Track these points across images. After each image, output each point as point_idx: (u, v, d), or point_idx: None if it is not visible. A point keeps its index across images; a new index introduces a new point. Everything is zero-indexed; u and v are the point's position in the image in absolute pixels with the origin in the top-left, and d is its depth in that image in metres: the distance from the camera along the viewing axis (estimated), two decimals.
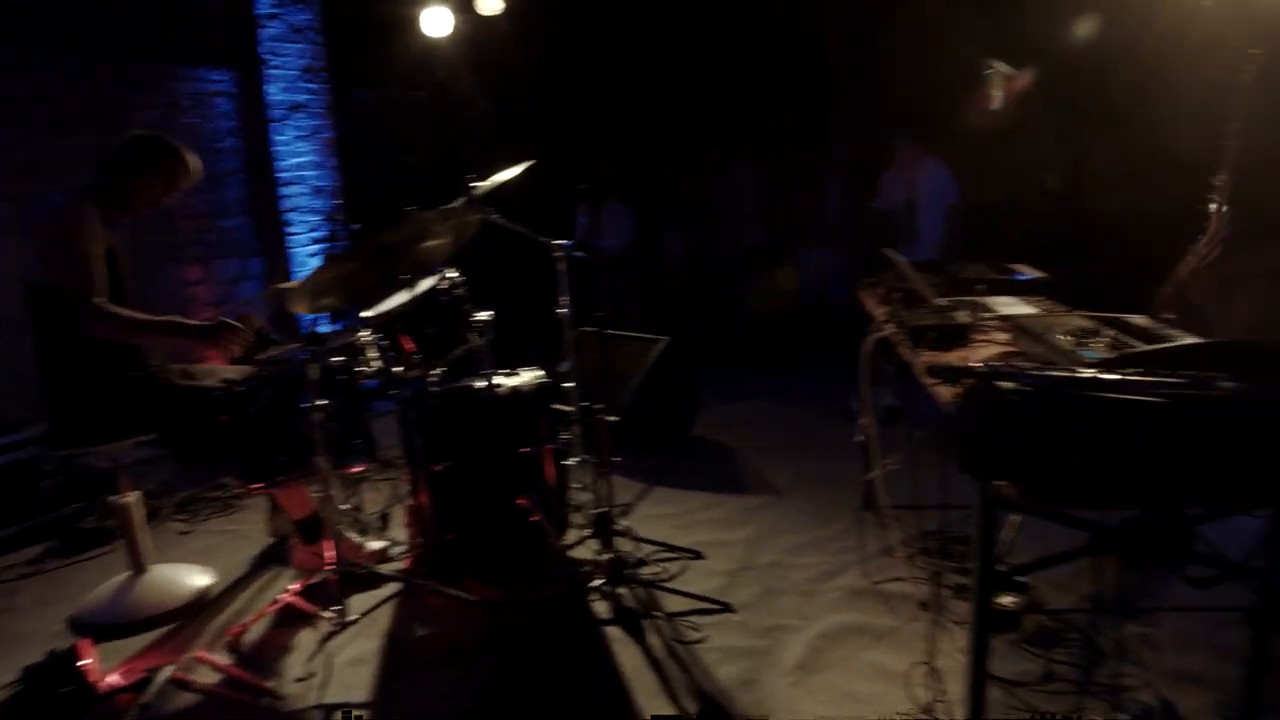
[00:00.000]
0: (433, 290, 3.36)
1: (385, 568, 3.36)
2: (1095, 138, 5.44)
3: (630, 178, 6.96)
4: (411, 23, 6.43)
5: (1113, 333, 2.08)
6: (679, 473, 4.30)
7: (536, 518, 3.27)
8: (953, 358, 2.26)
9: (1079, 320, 2.27)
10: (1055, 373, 1.44)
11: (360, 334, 3.39)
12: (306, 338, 2.90)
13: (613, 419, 4.36)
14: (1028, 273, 3.21)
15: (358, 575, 3.15)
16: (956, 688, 2.34)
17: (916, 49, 6.65)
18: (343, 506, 3.75)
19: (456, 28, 6.63)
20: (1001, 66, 7.27)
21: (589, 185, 6.28)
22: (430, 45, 6.59)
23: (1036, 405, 1.39)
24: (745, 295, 6.93)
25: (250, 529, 3.85)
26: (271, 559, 3.56)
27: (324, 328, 3.36)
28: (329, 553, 3.00)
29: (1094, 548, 1.62)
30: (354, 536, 3.48)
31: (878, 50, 6.77)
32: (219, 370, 3.30)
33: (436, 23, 6.38)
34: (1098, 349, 1.92)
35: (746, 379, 6.24)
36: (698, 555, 3.36)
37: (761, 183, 7.06)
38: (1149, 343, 1.87)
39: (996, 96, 7.62)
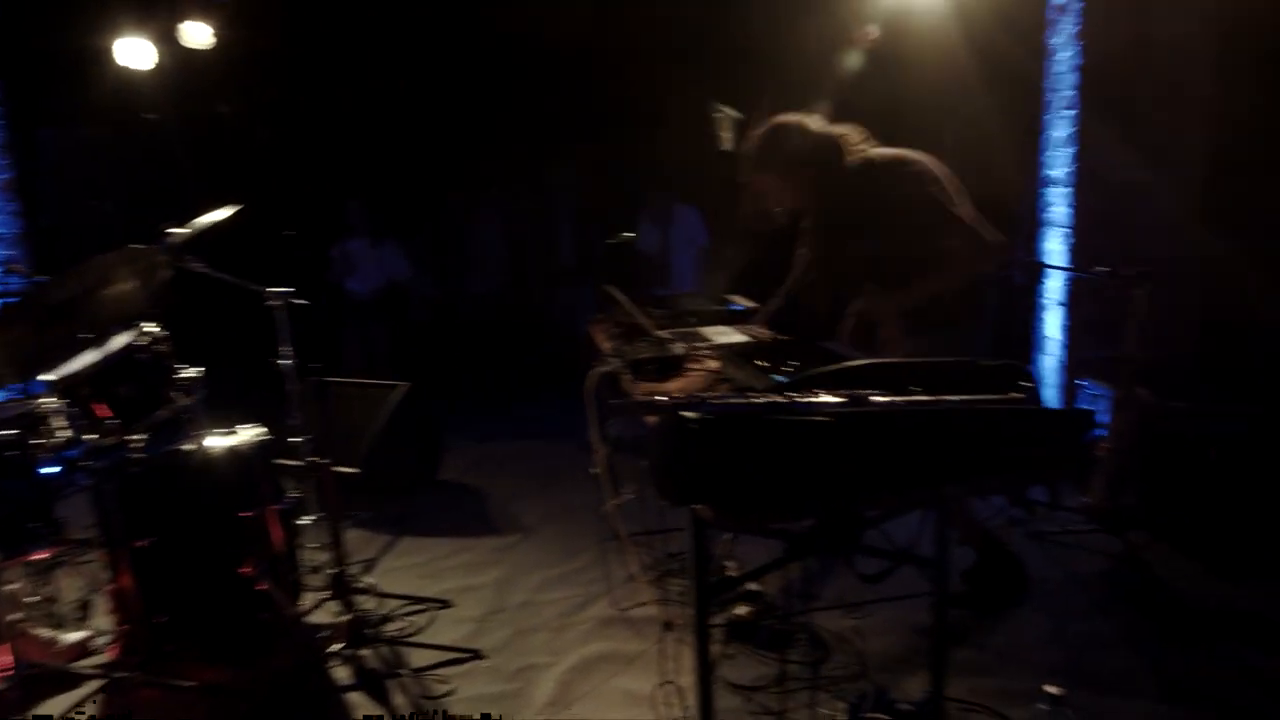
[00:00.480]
0: (126, 347, 3.02)
1: (86, 663, 2.95)
2: None
3: (381, 217, 6.73)
4: (107, 55, 5.86)
5: (807, 357, 2.24)
6: (426, 520, 4.15)
7: (264, 586, 3.02)
8: (670, 387, 2.35)
9: (781, 346, 2.44)
10: (735, 400, 1.53)
11: (39, 401, 2.99)
12: None
13: (351, 470, 4.16)
14: (741, 303, 3.43)
15: (49, 677, 2.74)
16: None
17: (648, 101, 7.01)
18: (30, 599, 3.26)
19: (161, 61, 6.14)
20: (729, 110, 7.82)
21: (345, 225, 6.10)
22: (130, 80, 6.04)
23: (719, 431, 1.47)
24: (494, 335, 6.90)
25: None
26: None
27: None
28: (5, 658, 2.58)
29: (790, 555, 1.74)
30: (44, 632, 3.03)
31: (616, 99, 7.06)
32: None
33: (135, 55, 5.85)
34: (789, 372, 2.07)
35: (495, 419, 6.20)
36: (445, 604, 3.25)
37: (506, 224, 7.08)
38: (829, 363, 2.04)
39: (726, 138, 8.18)
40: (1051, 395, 4.52)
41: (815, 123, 2.95)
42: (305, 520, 3.59)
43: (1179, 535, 3.34)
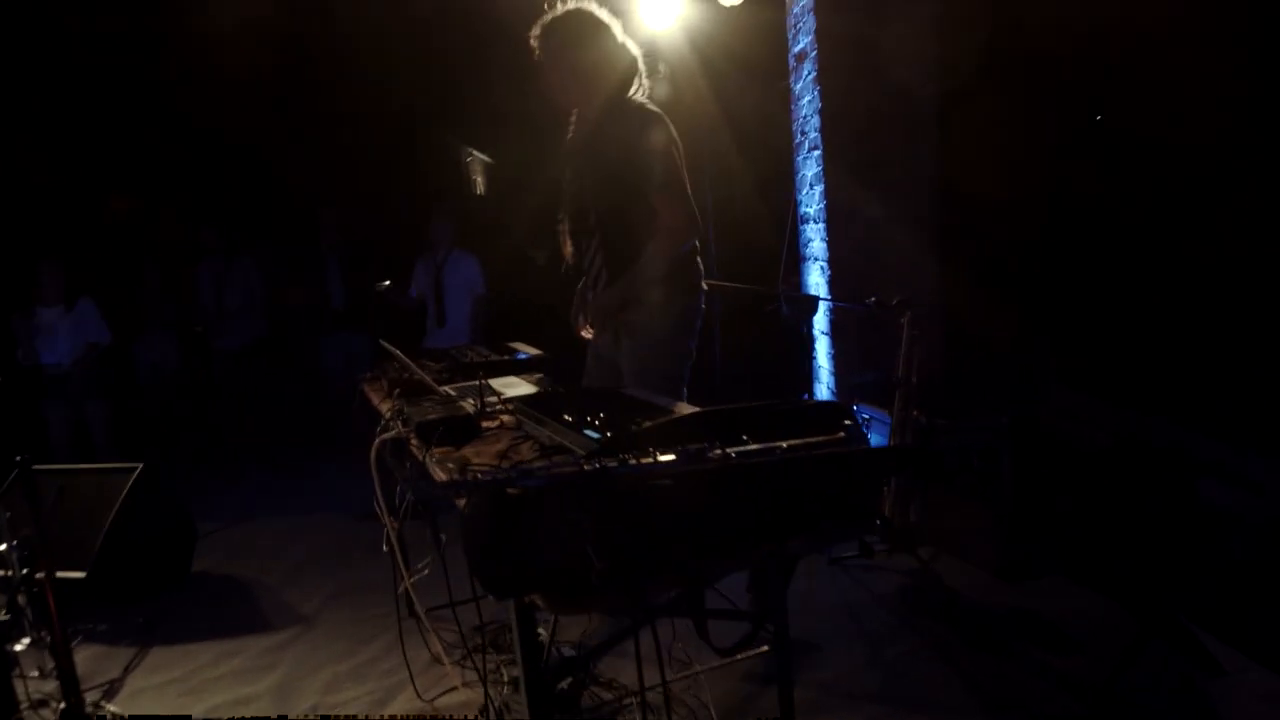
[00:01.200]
0: None
1: None
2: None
3: (82, 275, 5.90)
4: None
5: (612, 407, 2.11)
6: (180, 624, 3.57)
7: None
8: (469, 453, 2.14)
9: (579, 397, 2.29)
10: (562, 470, 1.37)
11: None
12: None
13: (78, 575, 3.52)
14: (526, 351, 3.24)
15: None
16: None
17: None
18: None
19: None
20: (480, 154, 7.69)
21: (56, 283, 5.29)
22: None
23: (550, 505, 1.30)
24: (253, 395, 6.25)
25: None
26: None
27: None
28: None
29: (635, 628, 1.59)
30: None
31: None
32: None
33: None
34: (598, 426, 1.94)
35: (258, 491, 5.58)
36: None
37: (263, 270, 6.45)
38: (638, 414, 1.93)
39: (479, 183, 8.04)
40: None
41: (618, 32, 2.79)
42: (21, 645, 2.97)
43: (960, 546, 3.57)
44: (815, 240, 4.82)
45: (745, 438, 1.56)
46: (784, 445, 1.55)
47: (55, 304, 5.55)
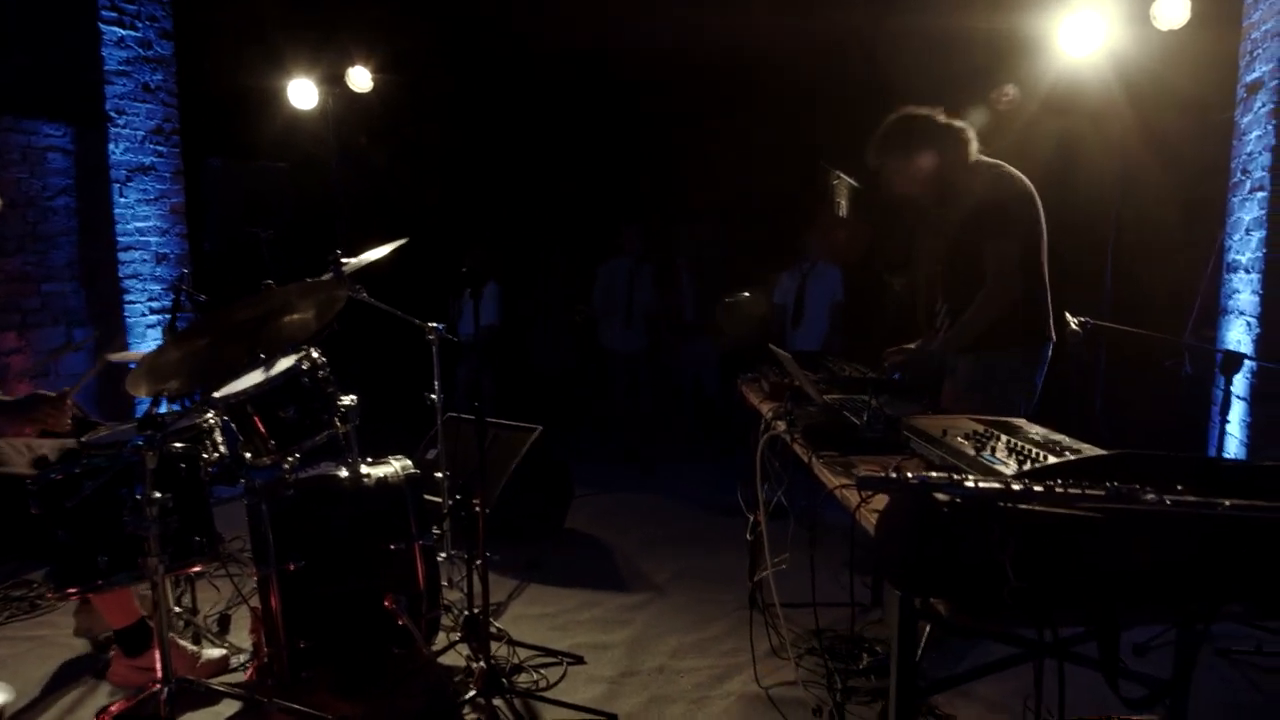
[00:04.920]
0: (292, 370, 3.07)
1: (224, 680, 2.96)
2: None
3: (503, 262, 6.86)
4: (277, 93, 6.20)
5: (1005, 437, 2.07)
6: (554, 568, 4.07)
7: (403, 621, 2.97)
8: (857, 461, 2.21)
9: (967, 423, 2.26)
10: (987, 484, 1.39)
11: (207, 416, 3.05)
12: (143, 420, 2.55)
13: (485, 510, 4.13)
14: (899, 373, 3.25)
15: (191, 692, 2.74)
16: None
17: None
18: (175, 609, 3.31)
19: (324, 102, 6.45)
20: (846, 178, 7.74)
21: (469, 268, 6.16)
22: (296, 117, 6.36)
23: (970, 518, 1.33)
24: (620, 390, 6.85)
25: (59, 634, 3.33)
26: (83, 670, 3.07)
27: (163, 408, 2.99)
28: (157, 666, 2.59)
29: (1023, 658, 1.56)
30: (187, 645, 3.06)
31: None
32: (34, 445, 2.88)
33: (302, 95, 6.18)
34: (1000, 454, 1.90)
35: (620, 471, 6.12)
36: (578, 660, 3.14)
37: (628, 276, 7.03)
38: (1042, 449, 1.87)
39: (842, 205, 8.10)
40: None
41: (941, 114, 3.04)
42: (441, 557, 3.57)
43: None
44: (1244, 292, 4.22)
45: (1180, 488, 1.47)
46: (1226, 503, 1.44)
47: (486, 284, 6.51)
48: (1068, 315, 3.86)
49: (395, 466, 3.18)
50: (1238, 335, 4.26)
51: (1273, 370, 3.96)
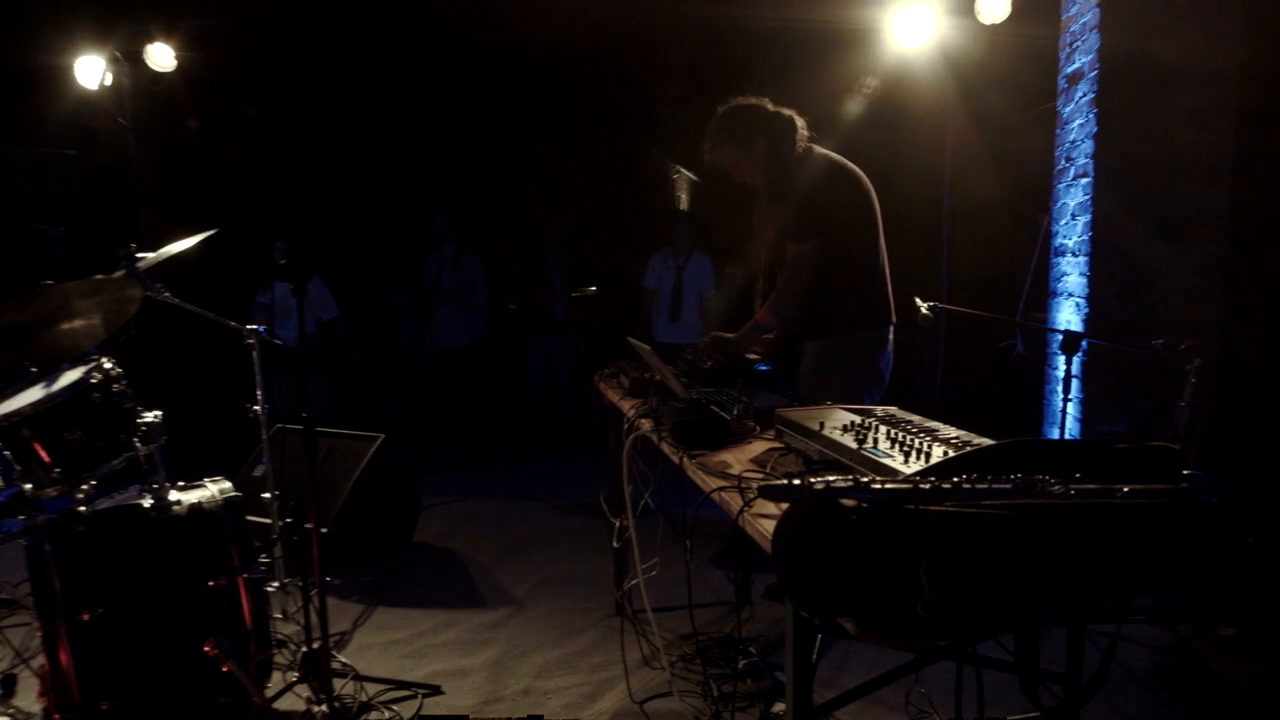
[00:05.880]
0: (79, 385, 2.62)
1: None
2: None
3: (327, 255, 6.37)
4: (60, 73, 5.46)
5: (884, 427, 1.96)
6: (404, 588, 3.75)
7: (228, 667, 2.60)
8: (728, 457, 2.06)
9: (841, 413, 2.15)
10: (895, 485, 1.25)
11: None
12: None
13: (322, 530, 3.75)
14: (764, 363, 3.15)
15: None
16: None
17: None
18: None
19: (119, 82, 5.76)
20: (686, 171, 7.74)
21: (287, 261, 5.58)
22: (86, 99, 5.63)
23: (879, 524, 1.19)
24: (464, 386, 6.51)
25: None
26: None
27: None
28: None
29: (915, 666, 1.45)
30: None
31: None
32: None
33: (91, 74, 5.48)
34: (884, 446, 1.80)
35: (469, 476, 5.82)
36: (435, 690, 2.86)
37: (485, 270, 6.68)
38: (923, 438, 1.78)
39: (682, 199, 8.10)
40: None
41: (770, 104, 3.04)
42: (271, 587, 3.20)
43: (1227, 628, 3.14)
44: (1072, 275, 4.43)
45: (1079, 475, 1.39)
46: (1124, 489, 1.37)
47: (285, 281, 5.97)
48: (917, 300, 3.91)
49: (211, 490, 2.78)
50: (1067, 316, 4.47)
51: (1103, 349, 4.16)
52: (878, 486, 1.23)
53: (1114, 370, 4.21)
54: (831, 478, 1.27)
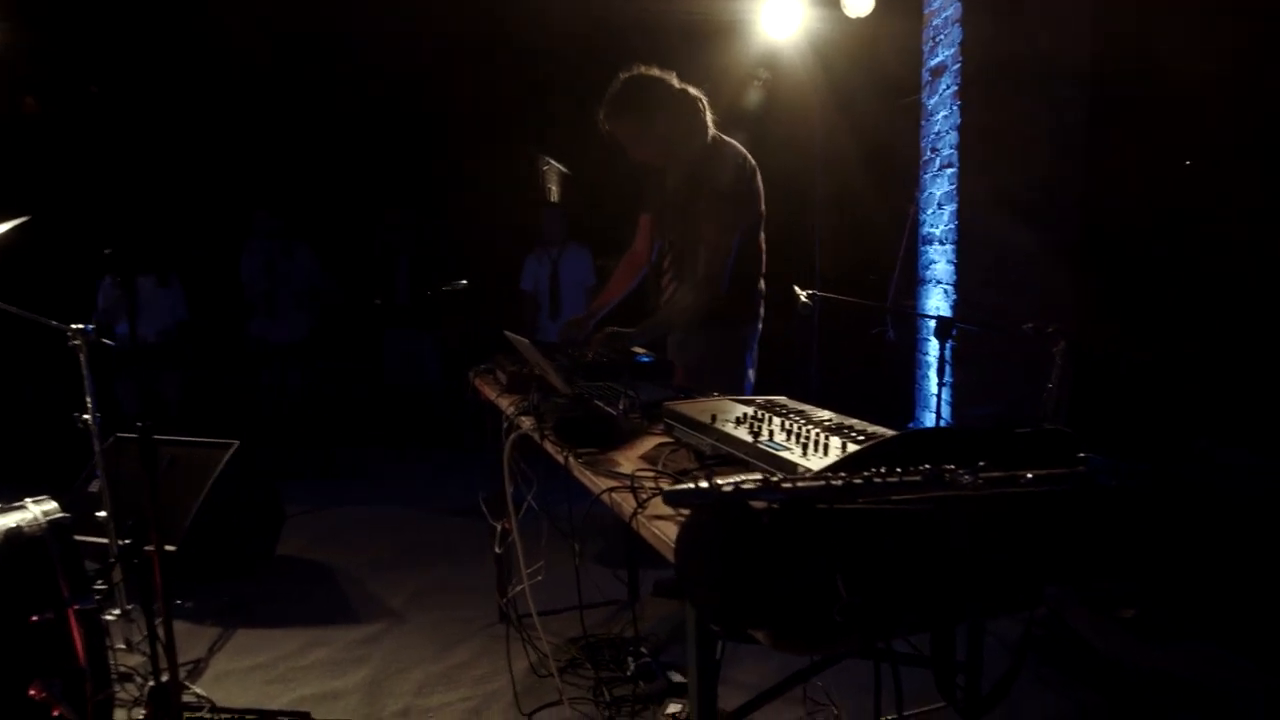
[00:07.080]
0: None
1: None
2: None
3: (169, 250, 5.88)
4: None
5: (776, 418, 1.90)
6: (266, 607, 3.46)
7: (60, 711, 2.30)
8: (616, 455, 1.95)
9: (732, 405, 2.08)
10: (806, 484, 1.17)
11: None
12: None
13: (169, 549, 3.42)
14: (647, 354, 3.07)
15: None
16: None
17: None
18: None
19: None
20: (555, 164, 7.62)
21: (118, 254, 5.10)
22: None
23: (791, 526, 1.10)
24: (313, 385, 6.14)
25: None
26: None
27: None
28: None
29: (821, 666, 1.38)
30: None
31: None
32: None
33: None
34: (780, 439, 1.73)
35: (334, 482, 5.50)
36: (304, 717, 2.62)
37: (320, 261, 6.28)
38: (817, 428, 1.72)
39: (553, 190, 7.98)
40: None
41: (675, 79, 2.87)
42: (112, 615, 2.88)
43: (1093, 597, 3.28)
44: (940, 262, 4.56)
45: (983, 463, 1.35)
46: (1029, 475, 1.34)
47: (150, 275, 5.56)
48: (796, 289, 3.93)
49: (33, 512, 2.45)
50: (936, 303, 4.60)
51: (971, 334, 4.29)
52: (789, 486, 1.14)
53: (982, 355, 4.36)
54: (738, 478, 1.18)
